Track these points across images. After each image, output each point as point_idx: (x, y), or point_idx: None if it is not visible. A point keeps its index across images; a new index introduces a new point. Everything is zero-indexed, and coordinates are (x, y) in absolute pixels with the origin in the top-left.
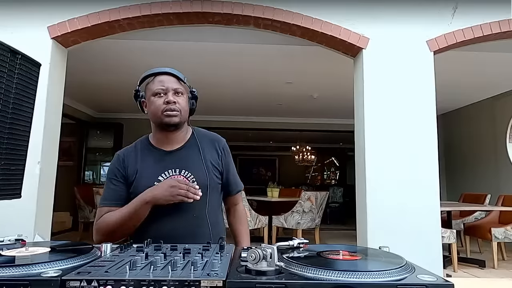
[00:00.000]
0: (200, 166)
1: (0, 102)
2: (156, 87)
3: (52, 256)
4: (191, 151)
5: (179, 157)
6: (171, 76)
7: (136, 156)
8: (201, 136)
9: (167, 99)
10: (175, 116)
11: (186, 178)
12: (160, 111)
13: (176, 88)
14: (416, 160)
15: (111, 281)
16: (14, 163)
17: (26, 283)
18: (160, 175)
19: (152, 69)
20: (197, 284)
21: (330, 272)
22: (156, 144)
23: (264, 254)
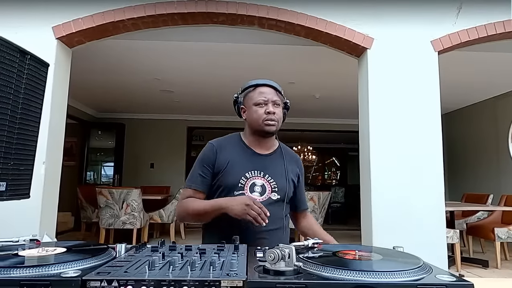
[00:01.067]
0: (282, 175)
1: (10, 103)
2: (258, 98)
3: (70, 256)
4: (277, 159)
5: (267, 162)
6: (272, 88)
7: (229, 148)
8: (285, 149)
9: (268, 109)
10: (274, 125)
11: (268, 183)
12: (261, 120)
13: (276, 100)
14: (421, 160)
15: (131, 281)
16: (23, 163)
17: (47, 283)
18: (247, 172)
19: (255, 79)
20: (217, 284)
21: (349, 272)
22: (248, 144)
23: (282, 254)
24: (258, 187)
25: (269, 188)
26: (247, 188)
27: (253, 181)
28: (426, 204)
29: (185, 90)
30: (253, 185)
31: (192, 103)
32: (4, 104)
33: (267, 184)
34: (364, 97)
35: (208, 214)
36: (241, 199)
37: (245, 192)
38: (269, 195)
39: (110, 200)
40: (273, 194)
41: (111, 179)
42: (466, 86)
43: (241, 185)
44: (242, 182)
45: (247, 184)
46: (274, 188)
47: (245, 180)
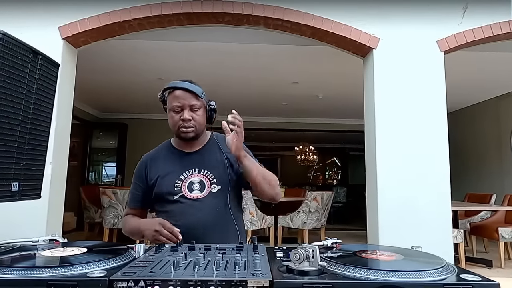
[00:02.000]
0: (219, 165)
1: (23, 103)
2: (173, 103)
3: (94, 256)
4: (210, 151)
5: (199, 158)
6: (188, 92)
7: (158, 159)
8: (220, 138)
9: (182, 116)
10: (190, 132)
11: (206, 177)
12: (176, 127)
13: (193, 104)
14: (427, 160)
15: (158, 281)
16: (34, 163)
17: (75, 283)
18: (181, 174)
19: (172, 82)
20: (244, 284)
21: (374, 272)
22: (177, 146)
23: (307, 254)
24: (197, 185)
25: (207, 182)
26: (185, 189)
27: (190, 180)
28: (433, 204)
29: None
30: (191, 184)
31: None
32: (17, 104)
33: (205, 178)
34: (370, 97)
35: (137, 234)
36: (151, 224)
37: (184, 193)
38: (209, 188)
39: (113, 200)
40: (213, 187)
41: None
42: (468, 86)
43: (178, 189)
44: (178, 185)
45: (184, 185)
46: (213, 180)
47: (180, 182)
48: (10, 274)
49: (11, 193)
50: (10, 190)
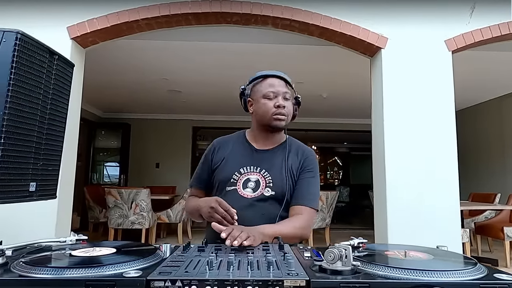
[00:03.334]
0: (280, 169)
1: (40, 103)
2: (267, 90)
3: (125, 257)
4: (277, 154)
5: (265, 157)
6: (281, 79)
7: (228, 145)
8: (292, 142)
9: (278, 103)
10: (283, 120)
11: (263, 178)
12: (270, 114)
13: (285, 92)
14: (436, 159)
15: (195, 281)
16: (51, 163)
17: (112, 283)
18: (241, 168)
19: (263, 71)
20: (280, 284)
21: (408, 272)
22: (250, 140)
23: (340, 254)
24: (252, 183)
25: (263, 183)
26: (240, 184)
27: (248, 177)
28: (442, 203)
29: (193, 90)
30: (247, 180)
31: (198, 103)
32: (35, 104)
33: (262, 179)
34: (378, 96)
35: (196, 213)
36: (209, 201)
37: (238, 188)
38: (262, 190)
39: (119, 200)
40: (267, 190)
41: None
42: (471, 85)
43: (234, 181)
44: (235, 177)
45: (240, 180)
46: (269, 183)
47: (238, 175)
48: (47, 274)
49: (29, 193)
50: (28, 190)
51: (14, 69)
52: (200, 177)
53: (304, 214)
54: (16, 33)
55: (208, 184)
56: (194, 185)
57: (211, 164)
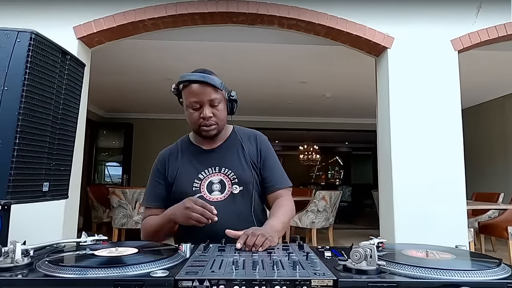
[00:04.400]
0: (240, 163)
1: (53, 103)
2: (190, 99)
3: (150, 257)
4: (231, 148)
5: (219, 155)
6: (206, 85)
7: (177, 155)
8: (241, 134)
9: (203, 114)
10: (213, 129)
11: (227, 176)
12: (196, 125)
13: (212, 99)
14: (442, 160)
15: (222, 280)
16: (63, 163)
17: (141, 283)
18: (200, 173)
19: (185, 74)
20: (308, 284)
21: (435, 271)
22: (196, 142)
23: (366, 253)
24: (216, 185)
25: (228, 182)
26: (204, 189)
27: (209, 180)
28: (449, 203)
29: None
30: (210, 183)
31: None
32: (48, 104)
33: (225, 178)
34: (384, 96)
35: (165, 228)
36: (180, 205)
37: (203, 193)
38: (230, 189)
39: (123, 200)
40: (234, 187)
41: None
42: (474, 85)
43: (196, 188)
44: (196, 185)
45: (203, 185)
46: (234, 180)
47: (199, 182)
48: (74, 274)
49: (42, 193)
50: (42, 191)
51: (29, 69)
52: (155, 194)
53: (285, 196)
54: (30, 33)
55: (166, 201)
56: (150, 204)
57: (167, 178)
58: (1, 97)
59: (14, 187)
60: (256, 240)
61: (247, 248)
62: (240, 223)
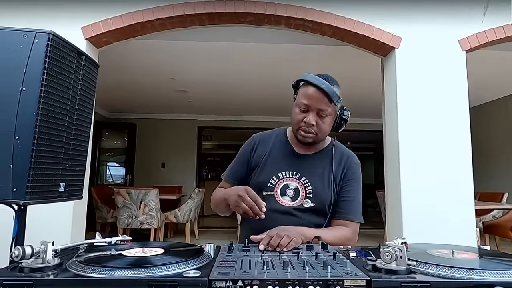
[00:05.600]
0: (322, 181)
1: (69, 103)
2: (302, 100)
3: (179, 257)
4: (319, 161)
5: (306, 162)
6: (323, 93)
7: (268, 144)
8: (339, 150)
9: (307, 119)
10: (309, 138)
11: (303, 186)
12: (296, 126)
13: (322, 109)
14: (451, 159)
15: (256, 281)
16: (78, 163)
17: (175, 283)
18: (280, 172)
19: (309, 75)
20: (341, 284)
21: (466, 271)
22: (291, 141)
23: (396, 253)
24: (291, 191)
25: (303, 193)
26: (277, 190)
27: (286, 183)
28: (457, 203)
29: (199, 89)
30: (286, 187)
31: (204, 103)
32: (64, 104)
33: (302, 188)
34: (391, 96)
35: (222, 205)
36: (237, 189)
37: (275, 193)
38: (302, 201)
39: (128, 200)
40: (306, 201)
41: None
42: (479, 85)
43: (271, 185)
44: (273, 182)
45: (278, 185)
46: (309, 194)
47: (276, 180)
48: (106, 274)
49: (58, 194)
50: (58, 191)
51: (46, 70)
52: (235, 172)
53: (349, 227)
54: (48, 34)
55: (243, 182)
56: (227, 179)
57: (250, 161)
58: (19, 97)
59: (33, 187)
60: (281, 240)
61: (270, 248)
62: None
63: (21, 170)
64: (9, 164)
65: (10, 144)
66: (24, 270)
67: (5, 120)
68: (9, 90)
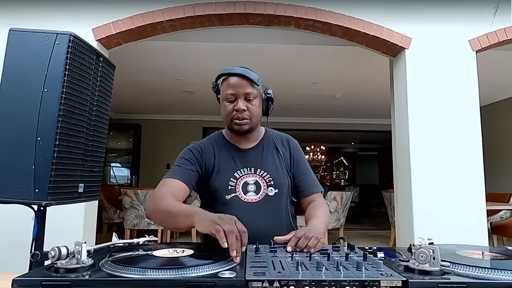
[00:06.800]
0: (275, 165)
1: (87, 104)
2: (227, 91)
3: (211, 257)
4: (265, 150)
5: (255, 156)
6: (244, 78)
7: (213, 149)
8: (276, 136)
9: (237, 106)
10: (245, 124)
11: (262, 178)
12: (229, 118)
13: (248, 92)
14: (461, 160)
15: (292, 281)
16: (96, 164)
17: (212, 283)
18: (236, 172)
19: (227, 68)
20: (377, 284)
21: (501, 272)
22: (230, 140)
23: (430, 254)
24: (252, 186)
25: (264, 184)
26: (239, 189)
27: (245, 180)
28: (469, 204)
29: (205, 90)
30: (245, 184)
31: (209, 103)
32: (83, 105)
33: (261, 179)
34: (401, 97)
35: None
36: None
37: (238, 194)
38: (265, 191)
39: (135, 201)
40: (270, 190)
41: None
42: (487, 84)
43: (232, 187)
44: (232, 184)
45: (238, 185)
46: (270, 182)
47: (234, 181)
48: (142, 274)
49: (78, 194)
50: (77, 192)
51: (67, 71)
52: (188, 172)
53: (319, 199)
54: (69, 35)
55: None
56: (179, 178)
57: (202, 165)
58: (41, 99)
59: (54, 188)
60: (309, 242)
61: (297, 249)
62: (273, 225)
63: (43, 171)
64: (31, 165)
65: (32, 146)
66: (60, 270)
67: (27, 122)
68: (31, 91)
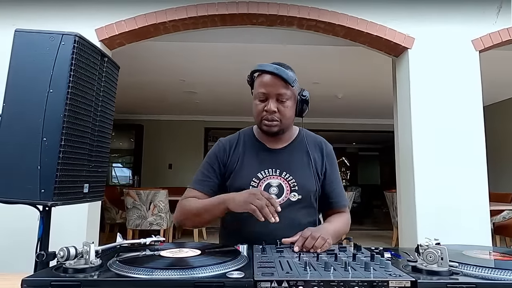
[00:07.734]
0: (304, 170)
1: (92, 105)
2: (259, 90)
3: (219, 258)
4: (296, 152)
5: (282, 157)
6: (278, 78)
7: (240, 146)
8: (310, 138)
9: (267, 107)
10: (274, 126)
11: (286, 181)
12: (259, 118)
13: (281, 93)
14: (465, 161)
15: (301, 282)
16: (100, 164)
17: (221, 284)
18: (259, 172)
19: (260, 64)
20: (386, 285)
21: (507, 272)
22: (260, 139)
23: (438, 255)
24: (274, 188)
25: (287, 188)
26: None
27: (268, 181)
28: (472, 204)
29: (208, 90)
30: (268, 186)
31: (211, 104)
32: (88, 106)
33: (285, 183)
34: (404, 96)
35: (209, 212)
36: (245, 191)
37: None
38: (288, 195)
39: (137, 201)
40: (293, 195)
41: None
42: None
43: (253, 187)
44: (254, 184)
45: (261, 186)
46: (294, 187)
47: (257, 181)
48: (151, 274)
49: (83, 195)
50: (83, 192)
51: (72, 72)
52: (207, 181)
53: (346, 213)
54: (74, 36)
55: (216, 191)
56: (198, 188)
57: (223, 167)
58: (46, 99)
59: (60, 188)
60: (316, 242)
61: (304, 250)
62: (292, 231)
63: (49, 171)
64: (37, 165)
65: (38, 146)
66: (68, 270)
67: (33, 122)
68: (37, 92)
